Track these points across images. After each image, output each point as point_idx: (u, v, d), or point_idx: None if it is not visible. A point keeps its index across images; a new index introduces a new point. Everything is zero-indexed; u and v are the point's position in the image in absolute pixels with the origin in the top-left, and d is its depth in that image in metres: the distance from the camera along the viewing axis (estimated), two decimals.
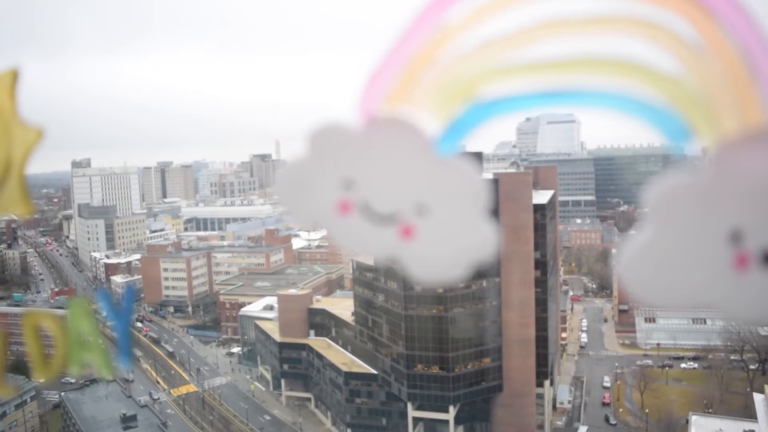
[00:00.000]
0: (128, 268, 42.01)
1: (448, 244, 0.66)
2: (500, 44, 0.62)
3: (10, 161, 0.84)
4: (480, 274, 19.71)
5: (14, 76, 0.83)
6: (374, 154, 0.67)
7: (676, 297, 0.62)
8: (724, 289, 0.61)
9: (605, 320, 32.98)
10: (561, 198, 27.70)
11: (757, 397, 14.42)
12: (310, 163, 0.69)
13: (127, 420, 21.35)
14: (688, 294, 0.62)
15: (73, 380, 22.50)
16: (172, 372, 29.63)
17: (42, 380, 0.87)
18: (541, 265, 21.44)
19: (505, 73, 0.63)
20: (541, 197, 21.79)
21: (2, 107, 0.82)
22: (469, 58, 0.64)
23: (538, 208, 20.87)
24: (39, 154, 0.86)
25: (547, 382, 21.81)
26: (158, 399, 26.29)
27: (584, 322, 31.61)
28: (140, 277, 37.53)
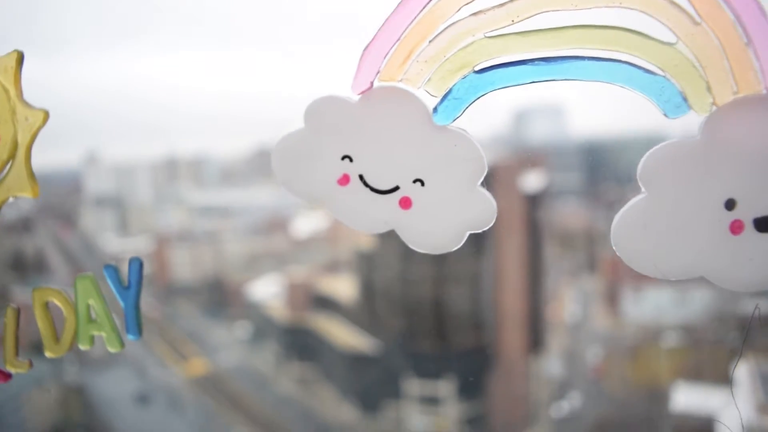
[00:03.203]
0: (139, 253, 42.29)
1: (446, 213, 0.67)
2: (497, 15, 0.62)
3: (17, 143, 0.84)
4: (475, 255, 20.79)
5: (18, 57, 0.83)
6: (372, 126, 0.67)
7: (671, 266, 0.62)
8: (719, 257, 0.61)
9: (593, 296, 33.24)
10: (552, 182, 27.90)
11: (741, 367, 14.60)
12: (306, 137, 0.69)
13: (144, 399, 21.76)
14: (683, 263, 0.62)
15: (91, 361, 22.84)
16: (183, 352, 30.05)
17: (53, 357, 0.89)
18: (532, 246, 22.03)
19: (501, 45, 0.63)
20: (532, 183, 22.16)
21: (7, 89, 0.83)
22: (466, 30, 0.63)
23: (530, 194, 21.41)
24: (47, 145, 0.86)
25: (537, 356, 22.52)
26: (171, 378, 26.69)
27: (574, 299, 31.91)
28: (149, 258, 37.89)
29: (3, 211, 0.87)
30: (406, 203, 0.67)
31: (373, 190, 0.68)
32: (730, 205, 0.60)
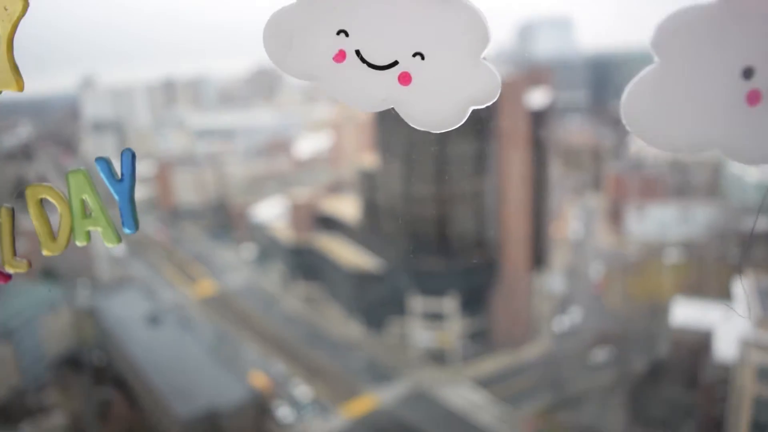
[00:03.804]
0: (141, 177, 42.35)
1: (448, 88, 0.63)
2: None
3: None
4: (478, 173, 20.78)
5: None
6: None
7: (684, 140, 0.60)
8: (734, 128, 0.58)
9: (597, 214, 33.24)
10: (557, 98, 27.44)
11: (740, 281, 14.76)
12: (298, 12, 0.65)
13: (155, 320, 22.25)
14: (697, 135, 0.59)
15: (102, 284, 23.24)
16: (191, 274, 30.51)
17: (50, 255, 0.88)
18: (536, 164, 21.94)
19: None
20: (538, 99, 21.75)
21: None
22: None
23: (535, 111, 21.06)
24: (43, 71, 0.81)
25: (540, 273, 22.84)
26: (180, 299, 27.21)
27: (577, 216, 31.93)
28: (151, 183, 37.92)
29: (3, 140, 0.84)
30: (405, 79, 0.64)
31: (370, 66, 0.64)
32: (747, 73, 0.56)
